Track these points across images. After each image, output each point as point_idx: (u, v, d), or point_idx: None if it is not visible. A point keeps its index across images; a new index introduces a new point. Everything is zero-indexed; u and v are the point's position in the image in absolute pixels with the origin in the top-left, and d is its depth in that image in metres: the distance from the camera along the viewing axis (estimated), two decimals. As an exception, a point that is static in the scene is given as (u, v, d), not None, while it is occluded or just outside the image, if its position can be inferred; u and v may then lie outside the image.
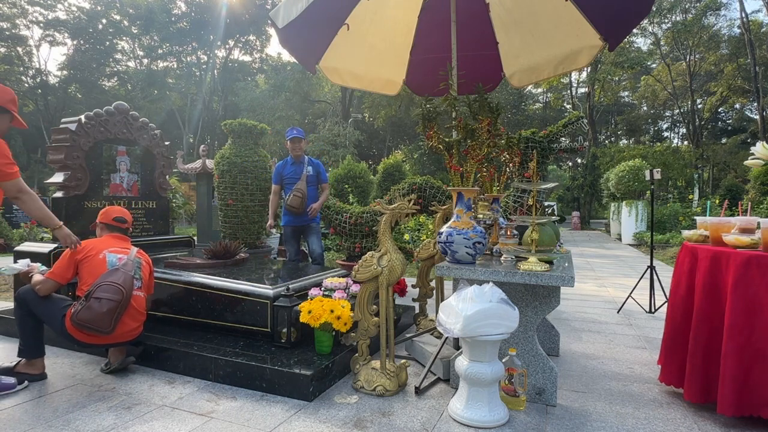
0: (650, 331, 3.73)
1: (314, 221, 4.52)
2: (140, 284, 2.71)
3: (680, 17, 26.05)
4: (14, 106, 2.48)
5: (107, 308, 2.43)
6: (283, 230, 4.53)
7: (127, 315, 2.57)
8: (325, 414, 2.22)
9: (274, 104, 28.59)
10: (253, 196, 5.68)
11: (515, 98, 30.22)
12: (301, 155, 4.45)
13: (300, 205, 4.27)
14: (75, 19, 30.24)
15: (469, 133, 2.57)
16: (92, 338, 2.53)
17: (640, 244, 11.59)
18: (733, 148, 28.34)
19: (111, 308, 2.44)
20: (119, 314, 2.50)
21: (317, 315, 2.57)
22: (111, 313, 2.45)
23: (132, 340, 2.69)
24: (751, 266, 1.99)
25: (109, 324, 2.46)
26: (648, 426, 2.13)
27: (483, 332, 2.03)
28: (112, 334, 2.52)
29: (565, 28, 3.47)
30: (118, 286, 2.50)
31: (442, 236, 2.43)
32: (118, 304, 2.47)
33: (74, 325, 2.47)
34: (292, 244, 4.54)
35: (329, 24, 3.48)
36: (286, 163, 4.51)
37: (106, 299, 2.44)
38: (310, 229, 4.51)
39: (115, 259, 2.67)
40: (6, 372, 2.54)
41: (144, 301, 2.74)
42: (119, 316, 2.51)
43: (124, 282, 2.54)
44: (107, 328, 2.46)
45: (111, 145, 4.24)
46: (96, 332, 2.47)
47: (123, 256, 2.71)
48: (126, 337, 2.63)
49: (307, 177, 4.38)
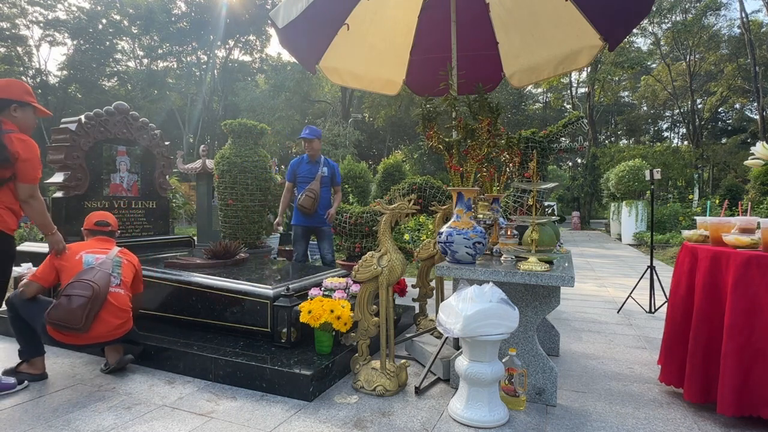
0: (650, 331, 3.73)
1: (326, 224, 4.38)
2: (119, 282, 2.71)
3: (680, 17, 26.05)
4: (31, 96, 2.49)
5: (76, 305, 2.42)
6: (293, 229, 4.40)
7: (105, 312, 2.56)
8: (325, 414, 2.22)
9: (274, 104, 28.58)
10: (253, 196, 5.68)
11: (515, 98, 30.22)
12: (317, 155, 4.31)
13: (312, 206, 4.13)
14: (75, 19, 30.23)
15: (469, 133, 2.57)
16: (70, 338, 2.52)
17: (640, 244, 11.59)
18: (733, 148, 28.34)
19: (80, 304, 2.43)
20: (92, 311, 2.48)
21: (317, 315, 2.57)
22: (81, 309, 2.43)
23: (120, 338, 2.68)
24: (751, 266, 1.99)
25: (80, 321, 2.43)
26: (648, 426, 2.13)
27: (483, 332, 2.03)
28: (89, 332, 2.51)
29: (565, 28, 3.47)
30: (89, 283, 2.49)
31: (442, 236, 2.43)
32: (89, 300, 2.46)
33: (50, 325, 2.47)
34: (302, 244, 4.39)
35: (329, 24, 3.48)
36: (301, 161, 4.35)
37: (76, 296, 2.45)
38: (322, 233, 4.38)
39: (92, 258, 2.70)
40: (9, 373, 2.55)
41: (127, 298, 2.73)
42: (92, 313, 2.48)
43: (98, 279, 2.55)
44: (79, 325, 2.43)
45: (111, 145, 4.24)
46: (70, 330, 2.45)
47: (101, 256, 2.73)
48: (110, 336, 2.62)
49: (321, 178, 4.26)
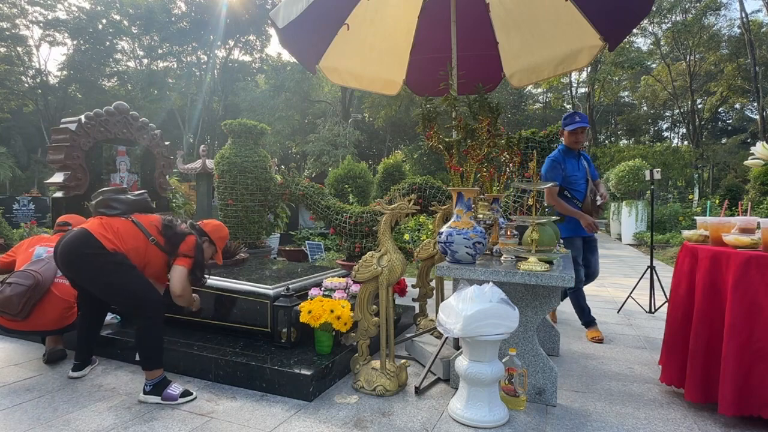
0: (650, 331, 3.73)
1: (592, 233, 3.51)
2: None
3: (680, 17, 26.05)
4: (223, 243, 2.85)
5: (14, 292, 2.56)
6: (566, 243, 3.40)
7: (46, 302, 2.67)
8: (325, 414, 2.22)
9: (274, 104, 28.59)
10: (253, 196, 5.68)
11: (515, 98, 30.21)
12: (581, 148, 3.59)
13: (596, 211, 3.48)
14: (75, 19, 30.24)
15: (469, 133, 2.56)
16: (12, 323, 2.65)
17: (640, 244, 11.59)
18: (733, 148, 28.34)
19: (18, 292, 2.57)
20: (31, 299, 2.61)
21: (317, 315, 2.57)
22: (19, 297, 2.56)
23: (62, 328, 2.77)
24: (751, 266, 1.99)
25: (17, 308, 2.56)
26: (648, 426, 2.13)
27: (483, 332, 2.03)
28: (28, 319, 2.64)
29: (565, 28, 3.47)
30: (32, 273, 2.64)
31: (442, 236, 2.43)
32: (28, 289, 2.59)
33: None
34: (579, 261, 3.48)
35: (329, 24, 3.47)
36: (565, 156, 3.49)
37: (16, 284, 2.59)
38: (592, 242, 3.61)
39: (44, 251, 2.84)
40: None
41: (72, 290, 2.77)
42: (32, 301, 2.61)
43: (43, 271, 2.68)
44: (16, 311, 2.57)
45: (111, 145, 4.24)
46: (9, 316, 2.59)
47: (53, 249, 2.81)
48: (51, 326, 2.73)
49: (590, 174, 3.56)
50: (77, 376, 2.62)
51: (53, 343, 2.87)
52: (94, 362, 2.79)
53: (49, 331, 2.78)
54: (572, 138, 3.46)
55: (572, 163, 3.50)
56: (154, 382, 2.34)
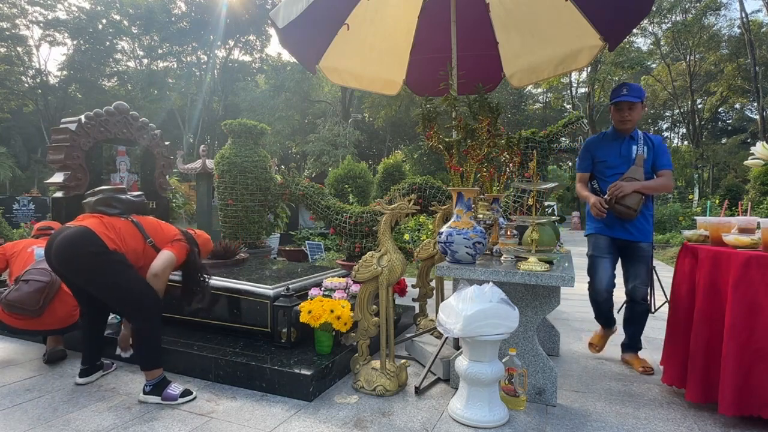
0: (650, 331, 3.72)
1: (646, 239, 2.80)
2: None
3: (680, 17, 26.06)
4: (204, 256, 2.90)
5: (35, 288, 2.60)
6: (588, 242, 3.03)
7: (57, 301, 2.70)
8: (325, 414, 2.22)
9: (274, 104, 28.59)
10: (253, 196, 5.67)
11: (515, 98, 30.21)
12: (632, 128, 2.83)
13: (637, 204, 2.69)
14: (75, 19, 30.25)
15: (469, 133, 2.56)
16: (22, 322, 2.66)
17: (640, 244, 11.57)
18: (733, 148, 28.35)
19: (39, 288, 2.61)
20: (48, 296, 2.65)
21: (317, 315, 2.57)
22: (39, 292, 2.60)
23: (65, 327, 2.79)
24: (751, 266, 1.99)
25: (37, 303, 2.60)
26: (648, 426, 2.13)
27: (483, 332, 2.03)
28: (41, 317, 2.65)
29: (565, 28, 3.47)
30: (47, 270, 2.66)
31: (442, 236, 2.43)
32: (47, 285, 2.64)
33: (4, 309, 2.62)
34: (607, 265, 2.81)
35: (329, 24, 3.47)
36: (604, 140, 2.93)
37: (34, 280, 2.63)
38: (639, 251, 2.79)
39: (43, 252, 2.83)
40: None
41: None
42: (48, 298, 2.65)
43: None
44: (35, 307, 2.60)
45: (111, 145, 4.24)
46: (25, 313, 2.60)
47: None
48: (58, 324, 2.75)
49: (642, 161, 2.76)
50: (83, 382, 2.54)
51: (54, 343, 2.88)
52: (111, 367, 2.74)
53: (53, 330, 2.79)
54: (617, 116, 2.79)
55: (611, 147, 2.84)
56: (153, 382, 2.34)
